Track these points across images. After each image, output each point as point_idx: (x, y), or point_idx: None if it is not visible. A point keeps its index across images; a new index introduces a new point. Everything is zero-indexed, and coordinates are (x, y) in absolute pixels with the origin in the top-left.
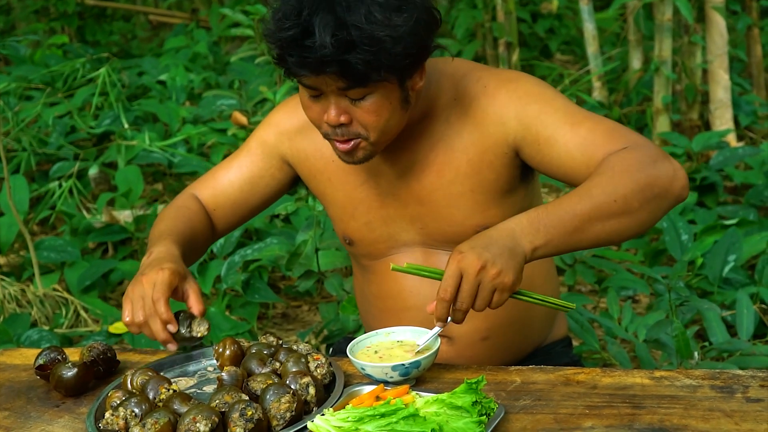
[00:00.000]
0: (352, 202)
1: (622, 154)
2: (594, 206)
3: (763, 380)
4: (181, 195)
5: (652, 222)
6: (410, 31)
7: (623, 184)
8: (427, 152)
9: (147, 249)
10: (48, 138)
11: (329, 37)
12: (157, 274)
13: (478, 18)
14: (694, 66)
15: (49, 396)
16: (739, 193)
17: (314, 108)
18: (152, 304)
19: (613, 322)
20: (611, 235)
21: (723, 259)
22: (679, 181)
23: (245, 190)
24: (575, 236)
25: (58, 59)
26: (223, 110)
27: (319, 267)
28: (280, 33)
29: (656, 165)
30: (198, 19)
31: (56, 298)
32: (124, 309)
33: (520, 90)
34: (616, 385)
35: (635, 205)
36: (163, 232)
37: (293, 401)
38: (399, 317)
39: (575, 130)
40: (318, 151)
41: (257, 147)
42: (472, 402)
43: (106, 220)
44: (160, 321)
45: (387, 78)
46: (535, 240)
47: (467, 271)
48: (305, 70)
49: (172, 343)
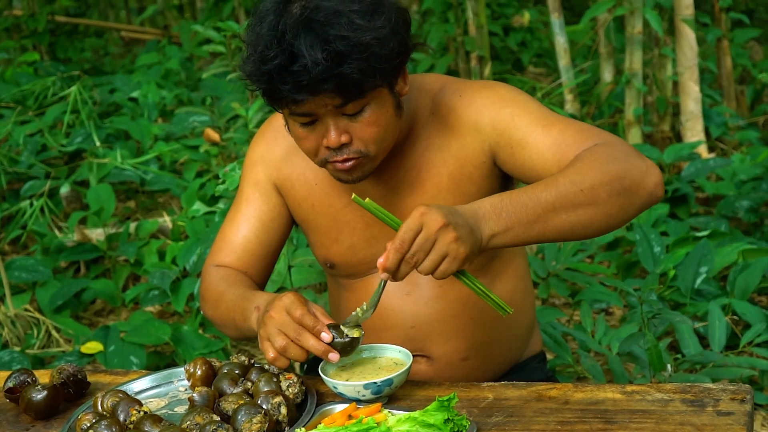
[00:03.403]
0: (336, 226)
1: (593, 148)
2: (559, 195)
3: (734, 393)
4: (208, 273)
5: (622, 218)
6: (392, 31)
7: (591, 175)
8: (410, 170)
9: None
10: (19, 157)
11: (320, 53)
12: (282, 301)
13: (450, 32)
14: (664, 78)
15: (19, 419)
16: (711, 205)
17: (310, 137)
18: (295, 325)
19: (586, 336)
20: (576, 227)
21: (695, 271)
22: (652, 178)
23: (263, 239)
24: (537, 225)
25: (29, 77)
26: (196, 127)
27: (292, 283)
28: (266, 65)
29: (628, 159)
30: (170, 36)
31: (28, 319)
32: (266, 351)
33: (494, 95)
34: (588, 400)
35: (603, 196)
36: (240, 293)
37: (265, 421)
38: (379, 336)
39: (547, 131)
40: (302, 176)
41: (254, 191)
42: (444, 419)
43: (77, 239)
44: (311, 336)
45: (380, 84)
46: (494, 226)
47: (428, 225)
48: (302, 94)
49: (332, 352)
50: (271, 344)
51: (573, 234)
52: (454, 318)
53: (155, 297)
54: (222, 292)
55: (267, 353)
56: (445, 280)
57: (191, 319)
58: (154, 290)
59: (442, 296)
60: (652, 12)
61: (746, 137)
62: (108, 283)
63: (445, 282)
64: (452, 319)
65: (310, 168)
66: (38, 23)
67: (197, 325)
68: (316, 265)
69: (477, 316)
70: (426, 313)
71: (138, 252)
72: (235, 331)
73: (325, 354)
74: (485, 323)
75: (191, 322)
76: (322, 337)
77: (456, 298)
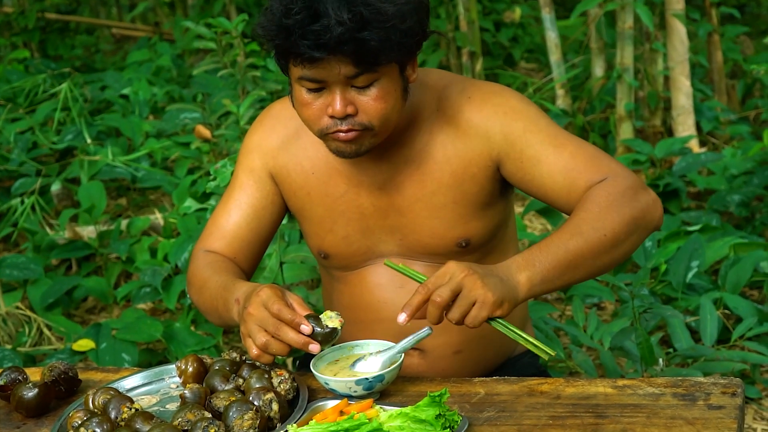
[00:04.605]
0: (331, 216)
1: (605, 187)
2: (585, 243)
3: (725, 387)
4: (196, 258)
5: (632, 252)
6: (414, 9)
7: (610, 220)
8: (409, 163)
9: (222, 306)
10: (9, 154)
11: (345, 14)
12: (259, 296)
13: (442, 27)
14: (655, 73)
15: (10, 417)
16: (702, 199)
17: (315, 103)
18: (273, 320)
19: (578, 330)
20: (601, 269)
21: (686, 265)
22: (657, 212)
23: (254, 226)
24: (569, 272)
25: (19, 74)
26: (187, 124)
27: (284, 280)
28: (288, 19)
29: (638, 197)
30: (161, 32)
31: (19, 317)
32: (249, 348)
33: (505, 105)
34: (580, 394)
35: (622, 238)
36: (222, 282)
37: (256, 418)
38: (372, 329)
39: (558, 153)
40: (298, 165)
41: (248, 178)
42: (436, 415)
43: (69, 237)
44: (289, 330)
45: (395, 58)
46: (532, 276)
47: (455, 273)
48: (320, 52)
49: (313, 344)
50: (251, 341)
51: (598, 273)
52: None
53: (147, 294)
54: (207, 279)
55: (250, 351)
56: None
57: (183, 316)
58: (146, 287)
59: None
60: (642, 7)
61: (737, 131)
62: (99, 281)
63: None
64: None
65: (307, 157)
66: (28, 20)
67: (189, 322)
68: (309, 261)
69: None
70: None
71: (129, 249)
72: (219, 319)
73: (306, 346)
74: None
75: (183, 319)
76: (302, 329)
77: None
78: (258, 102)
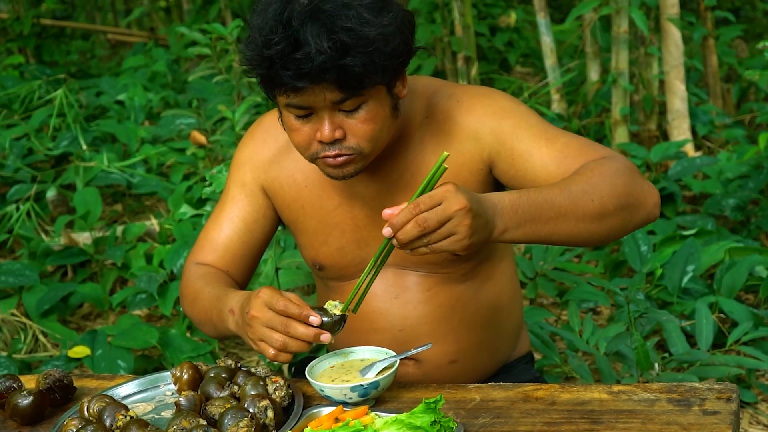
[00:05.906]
0: (325, 228)
1: (600, 160)
2: (571, 201)
3: (720, 392)
4: (188, 270)
5: (620, 232)
6: (397, 30)
7: (601, 187)
8: (402, 172)
9: (217, 317)
10: (5, 160)
11: (325, 42)
12: (260, 298)
13: (437, 32)
14: (651, 77)
15: (5, 425)
16: (698, 203)
17: (303, 129)
18: (280, 318)
19: (574, 335)
20: (581, 234)
21: (682, 270)
22: (653, 198)
23: (246, 240)
24: (547, 227)
25: (14, 80)
26: (182, 129)
27: (279, 285)
28: (269, 49)
29: (633, 178)
30: (157, 38)
31: (14, 323)
32: (264, 351)
33: (494, 105)
34: (575, 400)
35: (610, 208)
36: (215, 293)
37: (251, 425)
38: (367, 339)
39: (550, 145)
40: (291, 177)
41: (239, 192)
42: (431, 421)
43: (64, 243)
44: (299, 324)
45: (380, 81)
46: (509, 222)
47: (450, 202)
48: (303, 81)
49: (324, 334)
50: (267, 344)
51: (576, 240)
52: (442, 321)
53: (142, 300)
54: (199, 290)
55: (266, 352)
56: (433, 282)
57: (179, 323)
58: (142, 294)
59: (430, 299)
60: (637, 11)
61: (732, 135)
62: (95, 287)
63: (434, 285)
64: (440, 323)
65: (300, 170)
66: (24, 26)
67: (185, 329)
68: (304, 267)
69: (465, 320)
70: (414, 317)
71: (125, 255)
72: (213, 330)
73: (317, 337)
74: (473, 326)
75: (179, 326)
76: (311, 321)
77: (444, 301)
78: (253, 107)
